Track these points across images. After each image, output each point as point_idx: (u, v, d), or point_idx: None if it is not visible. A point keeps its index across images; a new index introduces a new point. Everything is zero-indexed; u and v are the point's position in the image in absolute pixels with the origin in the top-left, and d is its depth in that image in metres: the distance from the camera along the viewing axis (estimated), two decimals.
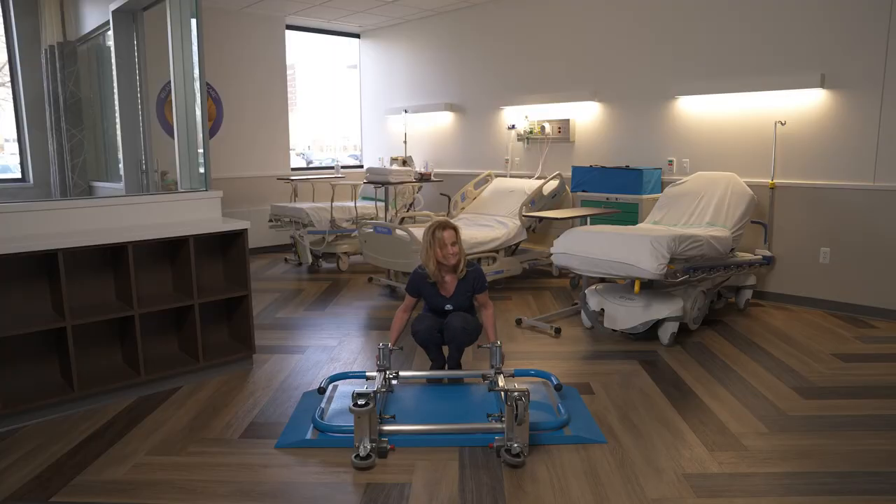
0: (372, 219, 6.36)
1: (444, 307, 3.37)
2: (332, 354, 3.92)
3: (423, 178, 6.74)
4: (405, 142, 7.70)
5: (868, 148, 4.53)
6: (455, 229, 3.26)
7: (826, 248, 4.79)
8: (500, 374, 2.97)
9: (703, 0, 5.22)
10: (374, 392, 2.66)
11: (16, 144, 4.63)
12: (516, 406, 2.51)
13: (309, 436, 2.77)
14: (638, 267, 3.73)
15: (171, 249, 3.52)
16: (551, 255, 4.26)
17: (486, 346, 3.17)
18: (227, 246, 3.69)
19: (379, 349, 3.12)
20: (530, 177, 6.52)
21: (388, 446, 2.65)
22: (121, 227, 3.32)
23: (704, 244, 4.03)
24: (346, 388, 3.27)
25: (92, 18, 4.74)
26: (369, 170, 6.55)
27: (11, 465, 2.59)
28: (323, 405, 3.01)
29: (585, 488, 2.38)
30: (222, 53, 7.14)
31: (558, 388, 3.13)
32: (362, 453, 2.53)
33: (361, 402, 2.55)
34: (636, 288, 3.92)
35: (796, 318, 4.63)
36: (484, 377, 3.11)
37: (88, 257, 3.25)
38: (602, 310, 4.17)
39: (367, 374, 3.13)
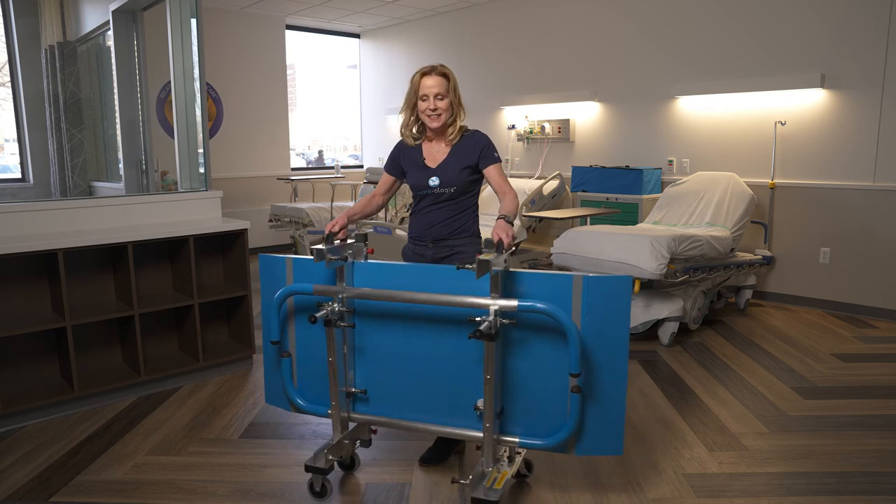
0: (372, 219, 6.36)
1: (427, 183, 2.41)
2: None
3: None
4: None
5: (868, 148, 4.53)
6: (446, 76, 2.38)
7: (826, 248, 4.79)
8: (493, 324, 1.98)
9: (703, 0, 5.22)
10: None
11: (16, 144, 4.63)
12: None
13: (291, 408, 2.48)
14: (638, 267, 3.73)
15: (171, 249, 3.52)
16: (551, 255, 4.26)
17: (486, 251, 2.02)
18: (227, 246, 3.69)
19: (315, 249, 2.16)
20: (530, 177, 6.52)
21: (372, 431, 2.45)
22: (121, 227, 3.32)
23: (704, 244, 4.03)
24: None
25: (92, 18, 4.74)
26: (369, 170, 6.55)
27: (11, 465, 2.59)
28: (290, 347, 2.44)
29: (585, 488, 2.38)
30: (222, 53, 7.13)
31: (576, 390, 2.03)
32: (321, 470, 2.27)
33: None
34: (636, 288, 3.92)
35: (796, 318, 4.62)
36: (470, 319, 2.04)
37: (88, 257, 3.25)
38: None
39: (316, 296, 2.25)
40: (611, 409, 2.11)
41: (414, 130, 2.49)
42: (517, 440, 2.17)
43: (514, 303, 2.01)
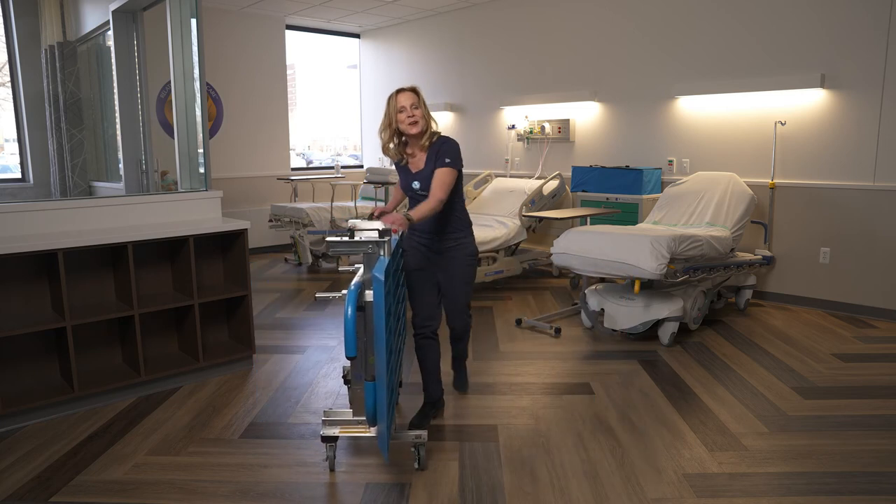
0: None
1: (411, 185, 2.83)
2: (332, 354, 3.92)
3: None
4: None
5: (868, 148, 4.53)
6: (415, 90, 2.74)
7: (826, 248, 4.79)
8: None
9: (703, 0, 5.22)
10: None
11: (16, 144, 4.63)
12: None
13: None
14: (638, 267, 3.73)
15: (171, 249, 3.52)
16: (551, 255, 4.26)
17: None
18: (227, 246, 3.69)
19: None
20: (530, 177, 6.52)
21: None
22: (121, 227, 3.32)
23: (704, 244, 4.03)
24: None
25: (92, 18, 4.74)
26: (369, 170, 6.56)
27: (11, 465, 2.59)
28: None
29: (585, 488, 2.38)
30: (222, 53, 7.14)
31: (369, 378, 2.32)
32: None
33: None
34: (636, 288, 3.92)
35: (796, 318, 4.62)
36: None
37: (88, 257, 3.25)
38: (602, 310, 4.17)
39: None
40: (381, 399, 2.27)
41: (395, 143, 2.79)
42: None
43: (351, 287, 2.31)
